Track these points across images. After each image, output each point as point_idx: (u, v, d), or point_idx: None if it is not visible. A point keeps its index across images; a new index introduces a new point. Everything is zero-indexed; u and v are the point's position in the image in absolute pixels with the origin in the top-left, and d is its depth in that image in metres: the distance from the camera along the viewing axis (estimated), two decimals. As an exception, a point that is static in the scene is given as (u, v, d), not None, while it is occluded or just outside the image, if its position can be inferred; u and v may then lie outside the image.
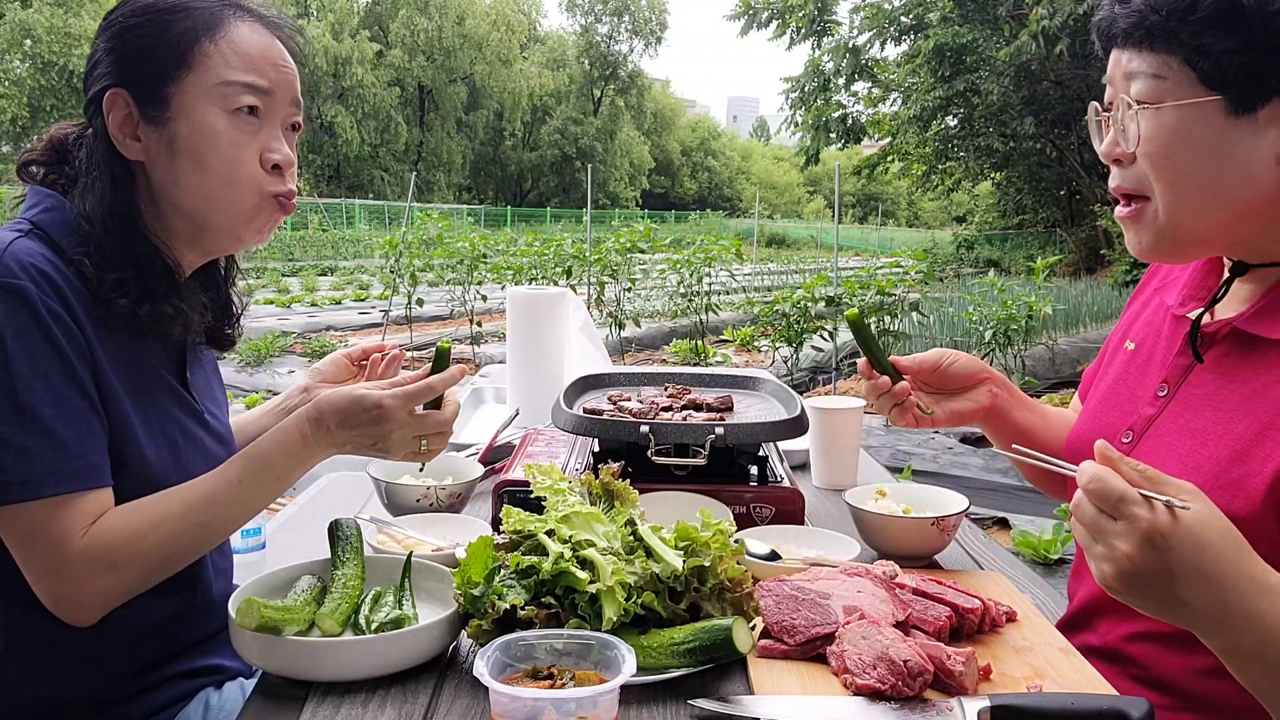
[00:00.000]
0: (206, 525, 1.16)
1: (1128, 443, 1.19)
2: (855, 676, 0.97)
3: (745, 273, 16.36)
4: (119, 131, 1.20)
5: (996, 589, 1.24)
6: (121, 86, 1.19)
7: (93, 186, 1.19)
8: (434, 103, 43.22)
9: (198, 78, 1.19)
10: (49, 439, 1.07)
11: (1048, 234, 22.80)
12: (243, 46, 1.21)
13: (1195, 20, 1.00)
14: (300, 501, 3.76)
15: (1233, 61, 1.00)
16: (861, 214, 51.60)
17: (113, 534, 1.10)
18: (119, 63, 1.20)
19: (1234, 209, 1.05)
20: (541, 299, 2.11)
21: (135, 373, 1.20)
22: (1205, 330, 1.15)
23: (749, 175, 63.80)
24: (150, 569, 1.14)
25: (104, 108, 1.19)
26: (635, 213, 41.43)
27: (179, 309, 1.21)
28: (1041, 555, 3.96)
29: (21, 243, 1.12)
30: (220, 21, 1.20)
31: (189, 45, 1.19)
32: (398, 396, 1.21)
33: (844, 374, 7.94)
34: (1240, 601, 0.86)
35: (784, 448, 1.77)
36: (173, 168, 1.20)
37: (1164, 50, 1.03)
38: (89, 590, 1.09)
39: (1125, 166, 1.10)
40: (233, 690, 1.32)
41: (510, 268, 10.22)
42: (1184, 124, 1.03)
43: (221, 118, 1.20)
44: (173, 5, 1.20)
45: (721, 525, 1.08)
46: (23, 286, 1.07)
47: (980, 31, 17.63)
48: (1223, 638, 0.88)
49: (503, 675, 0.89)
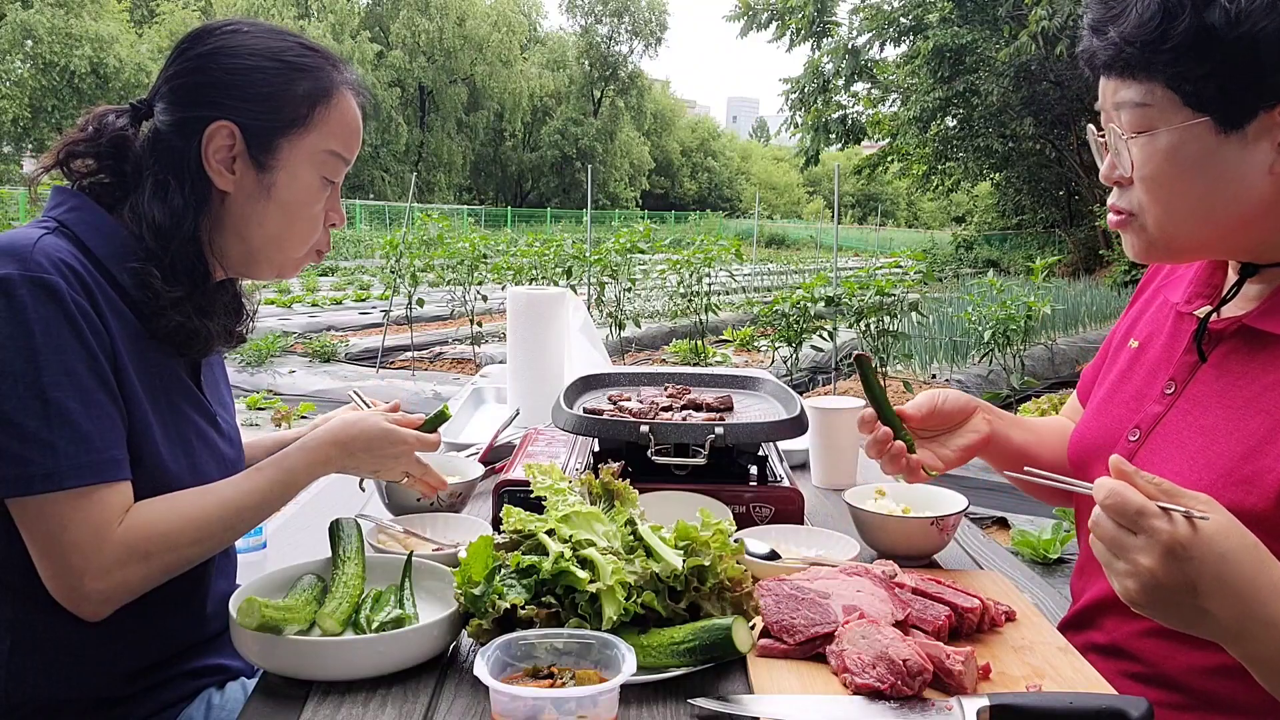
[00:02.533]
0: (233, 527, 1.21)
1: (1135, 440, 1.18)
2: (855, 676, 0.97)
3: (745, 273, 16.36)
4: (214, 159, 1.22)
5: (996, 588, 1.25)
6: (233, 121, 1.21)
7: (168, 200, 1.21)
8: (434, 103, 43.21)
9: (309, 140, 1.26)
10: (73, 432, 1.08)
11: (1047, 234, 22.81)
12: (346, 118, 1.29)
13: (1168, 49, 1.01)
14: (301, 501, 3.74)
15: (1211, 84, 1.01)
16: (861, 214, 51.63)
17: (151, 526, 1.13)
18: (238, 100, 1.22)
19: (1228, 223, 1.07)
20: (542, 299, 2.12)
21: (155, 374, 1.21)
22: (1213, 328, 1.15)
23: (749, 176, 63.77)
24: (175, 564, 1.16)
25: (205, 133, 1.21)
26: (635, 213, 41.44)
27: (219, 325, 1.28)
28: (1041, 555, 3.97)
29: (49, 239, 1.13)
30: (334, 90, 1.28)
31: (310, 108, 1.25)
32: (412, 441, 1.36)
33: (843, 374, 7.94)
34: (1263, 609, 0.86)
35: (784, 448, 1.78)
36: (259, 209, 1.26)
37: (1145, 78, 1.04)
38: (112, 581, 1.10)
39: (1125, 188, 1.12)
40: (234, 690, 1.32)
41: (510, 268, 10.21)
42: (1176, 147, 1.05)
43: (315, 179, 1.28)
44: (297, 61, 1.25)
45: (721, 525, 1.09)
46: (53, 281, 1.09)
47: (980, 32, 17.64)
48: (1246, 646, 0.88)
49: (503, 674, 0.90)
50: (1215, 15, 0.99)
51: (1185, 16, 1.00)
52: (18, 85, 28.50)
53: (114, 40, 29.72)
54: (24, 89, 28.53)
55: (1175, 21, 1.00)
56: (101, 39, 29.31)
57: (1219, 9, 0.98)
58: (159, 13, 35.39)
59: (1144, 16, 1.02)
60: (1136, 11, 1.03)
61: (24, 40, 28.52)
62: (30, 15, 28.24)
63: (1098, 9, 1.08)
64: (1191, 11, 0.99)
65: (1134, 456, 1.17)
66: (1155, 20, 1.01)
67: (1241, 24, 0.98)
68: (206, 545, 1.19)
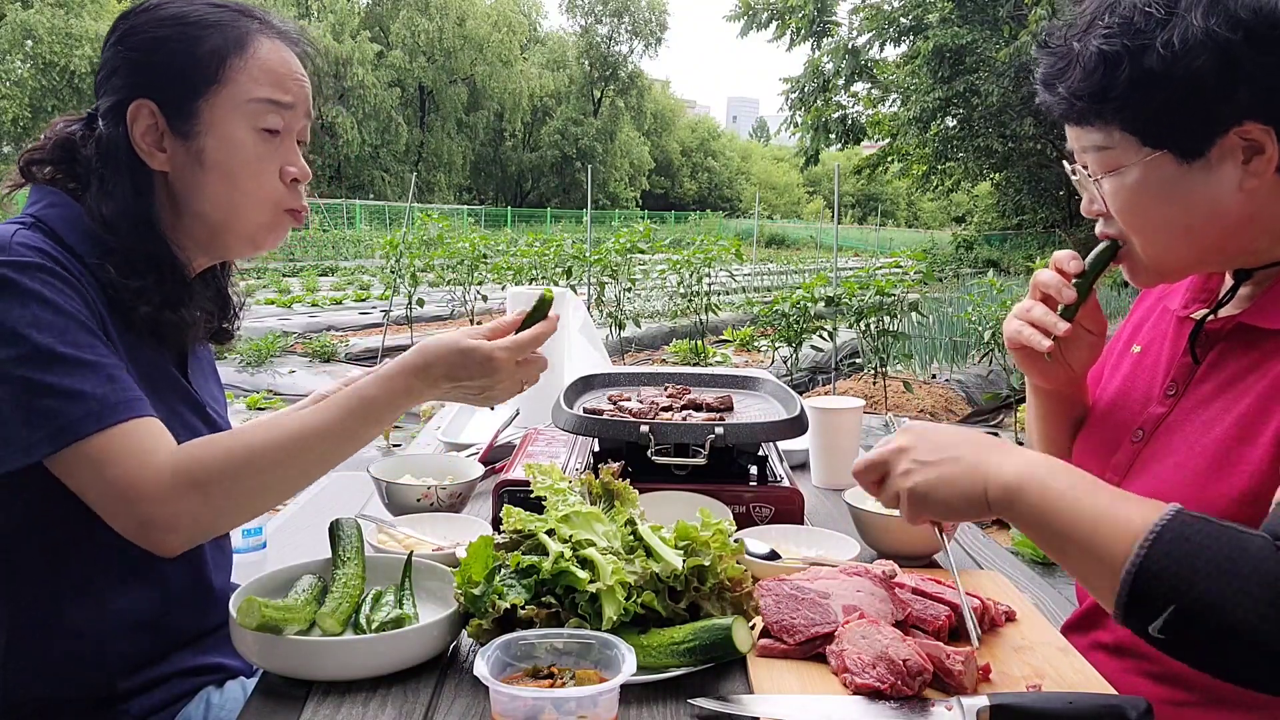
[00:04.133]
0: (300, 458, 1.14)
1: (1138, 441, 1.20)
2: (855, 676, 0.97)
3: (745, 273, 16.36)
4: (143, 141, 1.21)
5: (996, 588, 1.25)
6: (148, 98, 1.20)
7: (112, 192, 1.19)
8: (434, 103, 43.21)
9: (228, 95, 1.21)
10: (97, 374, 1.07)
11: (1047, 234, 22.79)
12: (269, 64, 1.24)
13: (1115, 98, 1.05)
14: (301, 501, 3.76)
15: (1162, 121, 1.04)
16: (861, 214, 51.63)
17: (204, 452, 1.10)
18: (146, 74, 1.20)
19: (1210, 242, 1.10)
20: (541, 299, 2.11)
21: (146, 369, 1.20)
22: (1210, 328, 1.17)
23: (749, 176, 63.76)
24: (239, 498, 1.12)
25: (128, 117, 1.20)
26: (635, 213, 41.42)
27: (193, 315, 1.24)
28: (1041, 555, 3.97)
29: (25, 233, 1.13)
30: (248, 38, 1.23)
31: (219, 62, 1.21)
32: (508, 349, 1.22)
33: (843, 374, 7.94)
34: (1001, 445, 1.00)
35: (784, 448, 1.78)
36: (198, 180, 1.22)
37: (1101, 124, 1.08)
38: (171, 510, 1.07)
39: (1107, 220, 1.15)
40: (234, 689, 1.32)
41: (510, 268, 10.22)
42: (1142, 182, 1.08)
43: (249, 133, 1.23)
44: (201, 19, 1.21)
45: (721, 525, 1.09)
46: (37, 261, 1.09)
47: (980, 32, 17.65)
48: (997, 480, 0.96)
49: (503, 674, 0.90)
50: (1152, 60, 1.01)
51: (1125, 65, 1.03)
52: (18, 85, 28.47)
53: (114, 40, 29.68)
54: (24, 89, 28.50)
55: (1116, 71, 1.04)
56: (101, 39, 29.17)
57: (1154, 55, 1.01)
58: (159, 13, 35.35)
59: (1087, 69, 1.06)
60: (1080, 65, 1.07)
61: (24, 40, 28.50)
62: (30, 15, 28.22)
63: (1045, 64, 1.12)
64: (1129, 60, 1.02)
65: (1139, 455, 1.19)
66: (1098, 73, 1.05)
67: (1179, 62, 1.00)
68: (270, 477, 1.13)
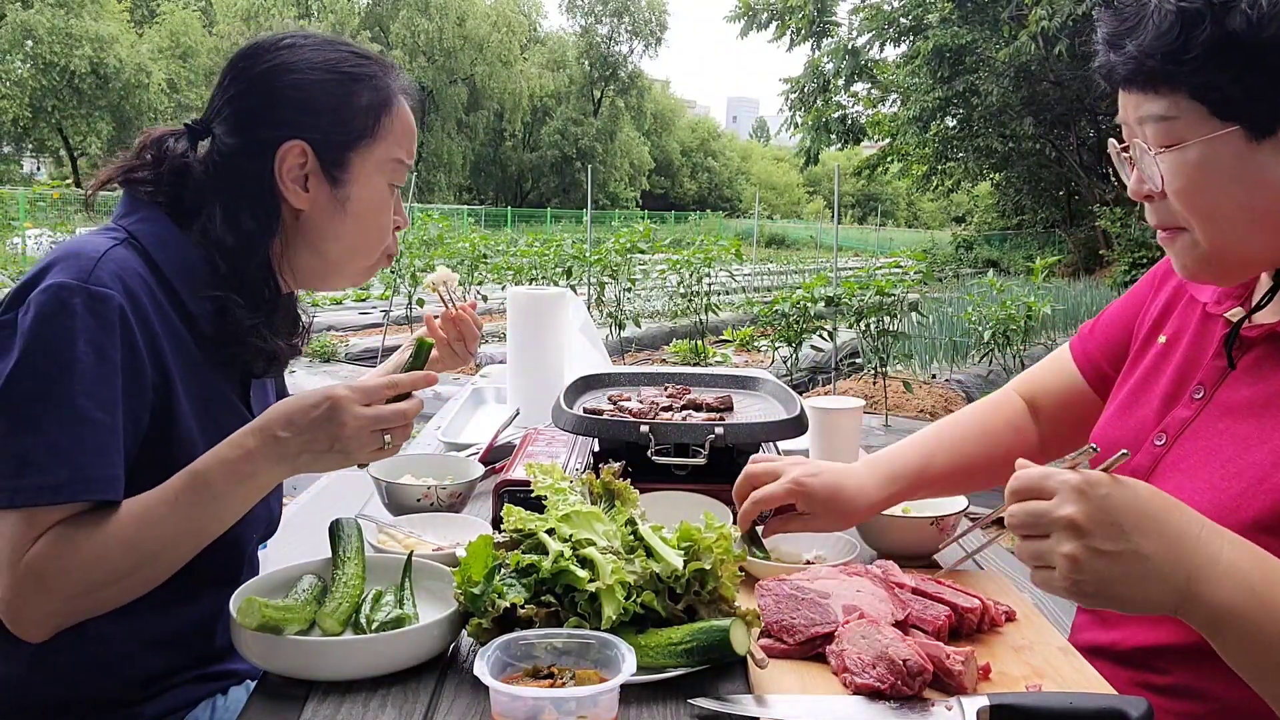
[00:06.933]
0: (137, 547, 1.05)
1: (1161, 445, 1.14)
2: (855, 676, 0.97)
3: (745, 273, 16.35)
4: (288, 179, 1.22)
5: (996, 588, 1.25)
6: (303, 139, 1.21)
7: (240, 224, 1.20)
8: (434, 103, 43.18)
9: (377, 150, 1.27)
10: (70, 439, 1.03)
11: (1047, 234, 22.81)
12: (407, 125, 1.31)
13: (1191, 59, 0.96)
14: (300, 501, 3.75)
15: (1237, 91, 0.96)
16: (861, 214, 51.62)
17: (45, 548, 1.03)
18: (306, 116, 1.22)
19: (1275, 228, 1.02)
20: (542, 299, 2.12)
21: (204, 395, 1.19)
22: (1244, 334, 1.11)
23: (749, 176, 63.72)
24: (84, 588, 1.04)
25: (279, 153, 1.20)
26: (635, 213, 41.37)
27: (289, 343, 1.29)
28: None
29: (119, 251, 1.12)
30: (393, 97, 1.29)
31: (375, 119, 1.26)
32: (352, 389, 1.10)
33: (843, 374, 7.94)
34: (1201, 547, 0.85)
35: (784, 448, 1.78)
36: (335, 223, 1.27)
37: (1168, 90, 0.99)
38: (29, 607, 1.04)
39: (1156, 202, 1.07)
40: (238, 692, 1.31)
41: (510, 268, 10.22)
42: (1207, 159, 1.00)
43: (384, 187, 1.30)
44: (356, 72, 1.26)
45: (724, 529, 1.08)
46: (107, 294, 1.06)
47: (979, 32, 17.63)
48: (1201, 599, 0.85)
49: (503, 674, 0.90)
50: (1236, 21, 0.94)
51: (1206, 25, 0.94)
52: (18, 85, 28.48)
53: (114, 40, 29.68)
54: (24, 89, 28.51)
55: (1195, 30, 0.95)
56: (101, 39, 29.28)
57: (1240, 14, 0.94)
58: (159, 13, 35.35)
59: (1162, 27, 0.97)
60: (1154, 22, 0.98)
61: (24, 40, 28.51)
62: (30, 15, 28.22)
63: (1112, 21, 1.03)
64: (1211, 20, 0.95)
65: (1160, 461, 1.13)
66: (1174, 31, 0.96)
67: (1265, 28, 0.94)
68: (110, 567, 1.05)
